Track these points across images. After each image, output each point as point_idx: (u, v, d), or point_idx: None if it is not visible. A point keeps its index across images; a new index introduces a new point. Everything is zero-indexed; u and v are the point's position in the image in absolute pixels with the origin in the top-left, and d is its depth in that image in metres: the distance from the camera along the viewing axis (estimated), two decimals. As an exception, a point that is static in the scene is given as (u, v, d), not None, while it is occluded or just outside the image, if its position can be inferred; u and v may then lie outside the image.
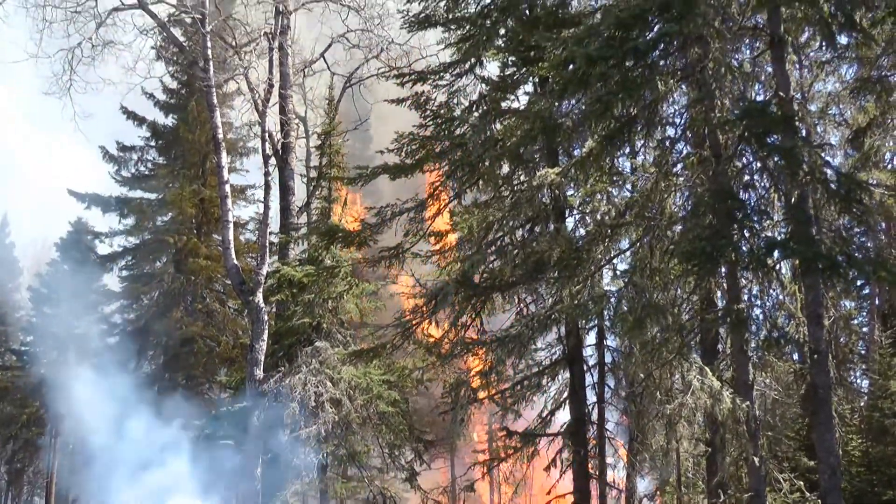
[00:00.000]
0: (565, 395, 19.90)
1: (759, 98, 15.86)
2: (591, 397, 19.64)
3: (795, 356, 19.00)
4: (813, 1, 13.85)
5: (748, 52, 16.45)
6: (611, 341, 19.70)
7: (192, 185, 34.91)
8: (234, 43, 26.61)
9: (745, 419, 14.94)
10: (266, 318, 24.72)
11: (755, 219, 14.25)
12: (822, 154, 14.27)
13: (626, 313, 14.65)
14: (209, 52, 25.22)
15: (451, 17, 20.39)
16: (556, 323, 18.31)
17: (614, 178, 16.12)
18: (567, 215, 18.94)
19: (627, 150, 16.23)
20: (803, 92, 18.21)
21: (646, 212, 15.23)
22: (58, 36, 24.65)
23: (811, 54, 17.07)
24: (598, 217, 16.22)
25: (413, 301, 20.07)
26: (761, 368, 16.97)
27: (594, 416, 19.64)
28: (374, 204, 22.17)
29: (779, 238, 14.21)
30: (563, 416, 20.03)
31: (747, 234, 14.15)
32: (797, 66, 17.69)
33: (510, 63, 19.61)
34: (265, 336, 24.62)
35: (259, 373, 24.42)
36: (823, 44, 15.13)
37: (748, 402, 14.87)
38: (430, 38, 24.92)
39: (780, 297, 15.66)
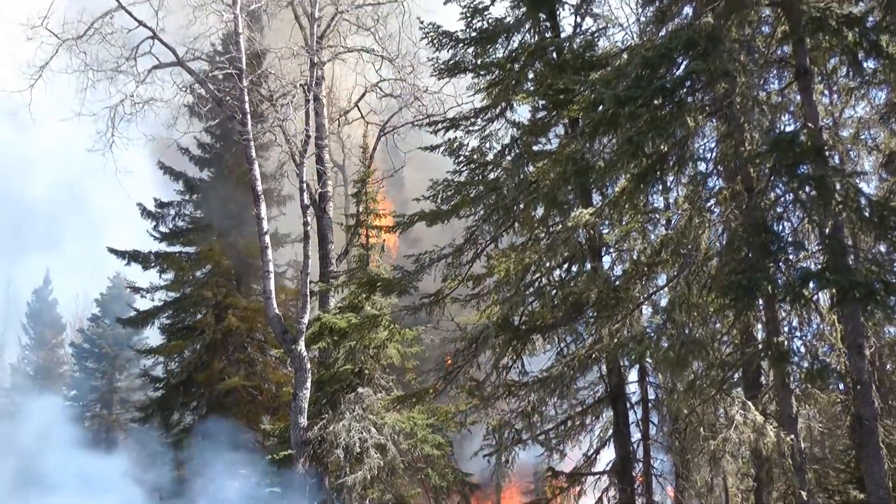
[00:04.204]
0: (610, 433, 19.77)
1: (789, 128, 15.82)
2: (636, 434, 19.54)
3: (841, 386, 18.80)
4: (837, 31, 13.90)
5: (775, 83, 16.39)
6: (653, 378, 19.60)
7: (229, 236, 35.23)
8: (269, 95, 27.12)
9: (791, 453, 14.80)
10: (308, 365, 24.95)
11: (790, 250, 14.24)
12: (856, 181, 14.14)
13: (668, 350, 14.62)
14: (247, 106, 25.68)
15: (479, 62, 20.60)
16: (597, 362, 18.29)
17: (649, 216, 16.19)
18: (603, 254, 18.99)
19: (660, 187, 16.32)
20: (834, 118, 18.21)
21: (681, 248, 15.26)
22: (100, 95, 25.43)
23: (839, 81, 17.03)
24: (635, 255, 16.27)
25: (454, 345, 20.13)
26: (805, 401, 16.82)
27: (640, 454, 19.51)
28: (410, 247, 22.26)
29: (814, 268, 14.16)
30: (609, 455, 19.90)
31: (783, 266, 14.12)
32: (826, 93, 17.71)
33: (540, 106, 19.79)
34: (308, 384, 24.87)
35: (303, 420, 24.64)
36: (850, 71, 15.13)
37: (793, 436, 14.73)
38: (463, 86, 25.25)
39: (820, 327, 15.57)
